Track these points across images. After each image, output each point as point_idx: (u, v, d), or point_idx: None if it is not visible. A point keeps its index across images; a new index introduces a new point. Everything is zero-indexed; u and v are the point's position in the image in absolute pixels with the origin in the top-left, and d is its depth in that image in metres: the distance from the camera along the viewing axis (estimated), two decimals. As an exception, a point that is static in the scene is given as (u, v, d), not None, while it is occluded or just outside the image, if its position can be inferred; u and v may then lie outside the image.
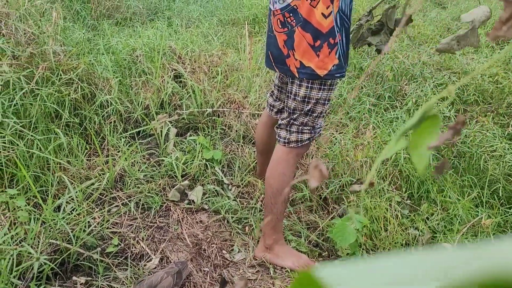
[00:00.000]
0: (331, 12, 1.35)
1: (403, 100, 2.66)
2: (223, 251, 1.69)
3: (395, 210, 1.83)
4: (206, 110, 2.40)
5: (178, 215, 1.82)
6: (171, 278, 1.41)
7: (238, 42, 3.18)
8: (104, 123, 2.16)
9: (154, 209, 1.82)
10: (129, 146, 2.12)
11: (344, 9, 1.38)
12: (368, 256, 1.71)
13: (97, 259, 1.52)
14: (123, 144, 2.11)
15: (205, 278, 1.56)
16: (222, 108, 2.46)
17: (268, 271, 1.63)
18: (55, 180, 1.73)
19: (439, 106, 2.51)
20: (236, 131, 2.33)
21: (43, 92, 1.93)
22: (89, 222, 1.63)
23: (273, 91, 1.75)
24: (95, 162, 1.97)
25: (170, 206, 1.86)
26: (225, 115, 2.42)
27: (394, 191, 1.95)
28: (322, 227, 1.80)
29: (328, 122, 2.44)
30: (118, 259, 1.58)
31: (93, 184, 1.82)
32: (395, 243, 1.71)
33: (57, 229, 1.51)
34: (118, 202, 1.82)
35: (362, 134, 2.30)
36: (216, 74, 2.69)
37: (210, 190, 1.96)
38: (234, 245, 1.72)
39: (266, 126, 1.82)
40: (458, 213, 1.85)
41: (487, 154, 2.11)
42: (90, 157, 2.03)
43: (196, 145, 2.15)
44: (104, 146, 2.11)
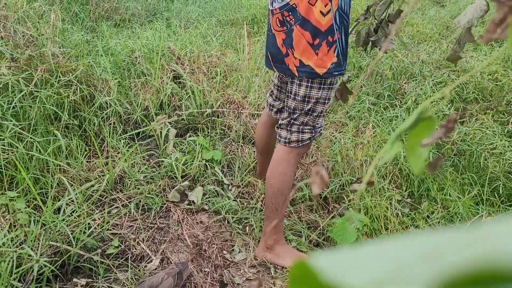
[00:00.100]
0: (330, 10, 1.35)
1: (403, 98, 2.66)
2: (224, 252, 1.68)
3: (396, 209, 1.83)
4: (206, 111, 2.40)
5: (178, 216, 1.81)
6: (172, 279, 1.41)
7: (237, 42, 3.18)
8: (103, 125, 2.16)
9: (154, 210, 1.82)
10: (128, 148, 2.11)
11: (343, 7, 1.38)
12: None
13: (97, 261, 1.52)
14: (123, 145, 2.11)
15: (205, 279, 1.56)
16: (222, 108, 2.45)
17: (269, 271, 1.63)
18: (55, 182, 1.72)
19: (439, 104, 2.51)
20: (235, 131, 2.33)
21: (42, 94, 1.92)
22: (89, 223, 1.63)
23: (272, 91, 1.75)
24: (95, 163, 1.97)
25: (170, 207, 1.85)
26: (224, 116, 2.42)
27: (394, 190, 1.94)
28: (323, 227, 1.80)
29: (328, 121, 2.43)
30: (119, 261, 1.58)
31: (93, 185, 1.82)
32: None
33: (57, 231, 1.51)
34: (118, 204, 1.81)
35: (362, 133, 2.30)
36: (215, 74, 2.68)
37: (210, 190, 1.95)
38: (234, 245, 1.72)
39: (266, 126, 1.82)
40: (459, 211, 1.85)
41: (487, 152, 2.11)
42: (90, 158, 2.03)
43: (195, 145, 2.15)
44: (103, 147, 2.11)
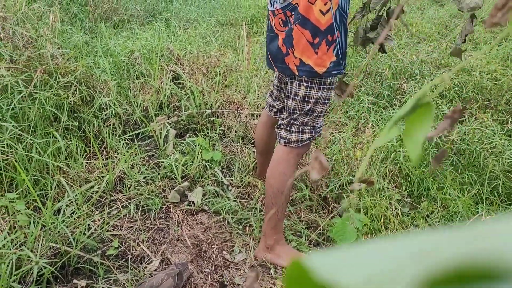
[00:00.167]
0: (330, 9, 1.34)
1: (402, 98, 2.66)
2: (224, 252, 1.68)
3: (395, 208, 1.83)
4: (205, 111, 2.40)
5: (178, 217, 1.81)
6: (172, 279, 1.41)
7: (236, 42, 3.18)
8: (103, 126, 2.16)
9: (154, 211, 1.82)
10: (128, 149, 2.11)
11: (343, 6, 1.38)
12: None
13: (97, 262, 1.52)
14: (122, 146, 2.11)
15: (206, 279, 1.56)
16: (221, 109, 2.45)
17: (269, 271, 1.63)
18: (54, 183, 1.72)
19: (439, 105, 2.51)
20: (235, 132, 2.33)
21: (42, 95, 1.93)
22: (89, 225, 1.63)
23: (272, 91, 1.75)
24: (95, 164, 1.97)
25: (170, 208, 1.85)
26: (224, 116, 2.42)
27: (394, 189, 1.94)
28: (323, 227, 1.80)
29: (327, 121, 2.43)
30: (119, 262, 1.58)
31: (92, 187, 1.82)
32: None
33: (57, 232, 1.51)
34: (118, 205, 1.81)
35: (362, 133, 2.30)
36: (214, 75, 2.68)
37: (210, 191, 1.95)
38: (234, 245, 1.72)
39: (265, 126, 1.82)
40: (458, 210, 1.85)
41: (487, 151, 2.11)
42: (90, 159, 2.03)
43: (195, 146, 2.15)
44: (103, 148, 2.11)
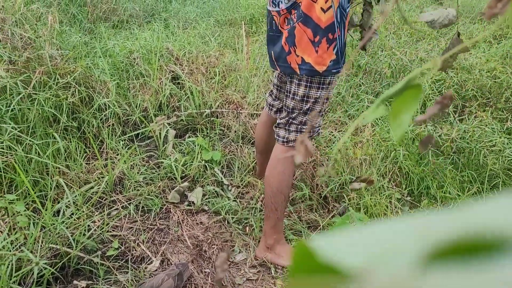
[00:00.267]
0: (331, 6, 1.34)
1: (402, 97, 2.66)
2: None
3: (395, 207, 1.83)
4: (205, 111, 2.39)
5: (178, 217, 1.81)
6: (172, 280, 1.41)
7: (236, 42, 3.17)
8: (102, 126, 2.16)
9: (154, 211, 1.81)
10: (128, 149, 2.11)
11: (343, 3, 1.37)
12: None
13: (97, 263, 1.52)
14: (122, 147, 2.11)
15: (206, 280, 1.56)
16: (221, 108, 2.45)
17: (269, 271, 1.63)
18: (54, 184, 1.72)
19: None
20: (235, 132, 2.32)
21: (41, 96, 1.92)
22: (89, 225, 1.63)
23: (272, 91, 1.75)
24: (94, 165, 1.97)
25: (170, 208, 1.85)
26: (223, 116, 2.42)
27: (394, 188, 1.94)
28: (323, 226, 1.80)
29: (327, 120, 2.43)
30: (119, 262, 1.58)
31: (92, 187, 1.82)
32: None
33: (56, 233, 1.51)
34: (118, 205, 1.81)
35: (361, 132, 2.30)
36: (214, 75, 2.68)
37: (210, 191, 1.95)
38: (235, 245, 1.72)
39: (265, 125, 1.82)
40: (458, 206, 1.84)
41: (487, 149, 2.11)
42: (89, 160, 2.03)
43: (195, 146, 2.15)
44: (103, 149, 2.11)
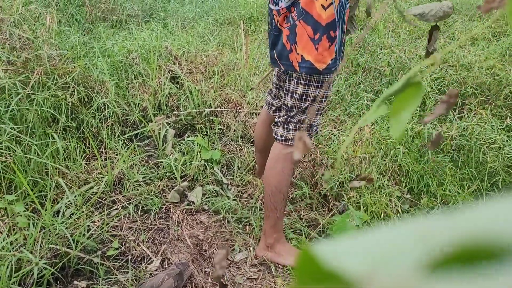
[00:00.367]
0: (331, 3, 1.33)
1: (401, 95, 2.65)
2: (224, 251, 1.68)
3: (395, 205, 1.83)
4: (204, 111, 2.39)
5: (178, 217, 1.81)
6: (172, 279, 1.41)
7: (234, 41, 3.17)
8: (101, 126, 2.15)
9: (154, 211, 1.81)
10: (127, 149, 2.11)
11: (343, 1, 1.37)
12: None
13: (97, 263, 1.52)
14: (121, 147, 2.10)
15: (206, 279, 1.56)
16: (220, 108, 2.45)
17: (269, 270, 1.63)
18: (53, 184, 1.72)
19: (438, 101, 2.51)
20: (234, 131, 2.32)
21: (39, 97, 1.92)
22: (88, 226, 1.62)
23: (271, 89, 1.75)
24: (94, 165, 1.97)
25: (170, 208, 1.85)
26: (223, 115, 2.42)
27: (394, 186, 1.94)
28: (323, 225, 1.80)
29: (326, 119, 2.43)
30: (119, 262, 1.58)
31: (92, 187, 1.81)
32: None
33: (56, 233, 1.51)
34: (118, 205, 1.81)
35: (361, 130, 2.29)
36: (213, 74, 2.68)
37: (209, 190, 1.95)
38: (235, 245, 1.72)
39: (265, 124, 1.82)
40: (459, 206, 1.85)
41: (486, 147, 2.11)
42: (89, 160, 2.03)
43: (194, 145, 2.14)
44: (102, 149, 2.11)
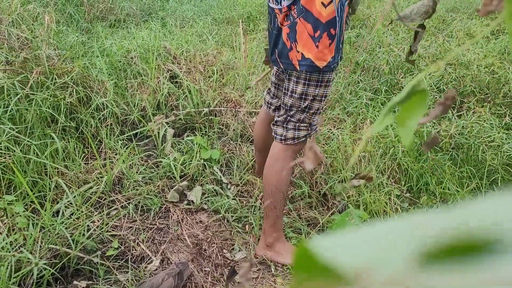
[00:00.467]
0: (331, 1, 1.33)
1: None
2: (224, 251, 1.68)
3: (395, 204, 1.83)
4: (203, 110, 2.39)
5: (177, 216, 1.81)
6: (172, 279, 1.41)
7: (233, 40, 3.17)
8: (100, 126, 2.15)
9: (154, 210, 1.81)
10: (126, 149, 2.11)
11: None
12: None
13: (97, 263, 1.52)
14: (121, 146, 2.10)
15: (206, 278, 1.56)
16: (219, 107, 2.45)
17: (269, 269, 1.63)
18: (53, 185, 1.72)
19: (437, 100, 2.51)
20: (233, 130, 2.32)
21: (38, 97, 1.92)
22: (88, 226, 1.62)
23: (270, 89, 1.75)
24: (93, 165, 1.96)
25: (170, 207, 1.85)
26: (222, 114, 2.42)
27: (393, 185, 1.95)
28: (322, 223, 1.80)
29: (325, 117, 2.43)
30: (119, 262, 1.58)
31: (91, 187, 1.81)
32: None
33: (56, 234, 1.51)
34: (117, 205, 1.81)
35: (360, 129, 2.30)
36: (212, 73, 2.68)
37: (209, 190, 1.95)
38: (234, 244, 1.72)
39: (264, 123, 1.82)
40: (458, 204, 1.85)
41: (485, 145, 2.11)
42: (88, 160, 2.02)
43: (193, 145, 2.14)
44: (101, 149, 2.10)
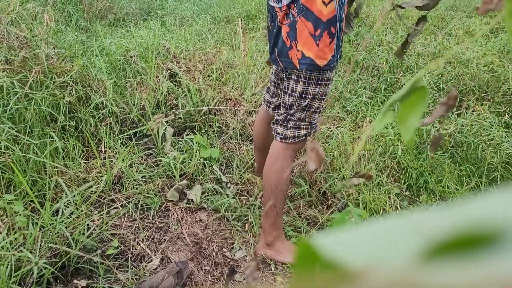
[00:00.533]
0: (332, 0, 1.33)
1: (399, 92, 2.65)
2: (224, 249, 1.69)
3: (394, 202, 1.83)
4: (202, 109, 2.39)
5: (177, 215, 1.81)
6: (172, 278, 1.41)
7: (233, 39, 3.17)
8: (100, 125, 2.15)
9: (153, 209, 1.81)
10: (126, 148, 2.11)
11: None
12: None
13: (97, 262, 1.52)
14: (120, 145, 2.10)
15: (206, 277, 1.56)
16: (218, 106, 2.45)
17: (269, 268, 1.63)
18: (53, 184, 1.72)
19: (436, 98, 2.51)
20: (233, 129, 2.32)
21: (38, 96, 1.92)
22: (88, 225, 1.62)
23: (269, 87, 1.75)
24: (93, 164, 1.96)
25: (169, 206, 1.85)
26: (221, 113, 2.42)
27: (392, 183, 1.95)
28: (322, 222, 1.80)
29: (325, 116, 2.43)
30: (119, 261, 1.58)
31: (91, 186, 1.81)
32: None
33: (56, 233, 1.51)
34: (117, 204, 1.81)
35: (359, 128, 2.30)
36: (211, 72, 2.68)
37: (209, 188, 1.95)
38: (234, 243, 1.72)
39: (263, 122, 1.82)
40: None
41: (485, 143, 2.11)
42: (87, 159, 2.02)
43: (193, 144, 2.14)
44: (101, 148, 2.10)
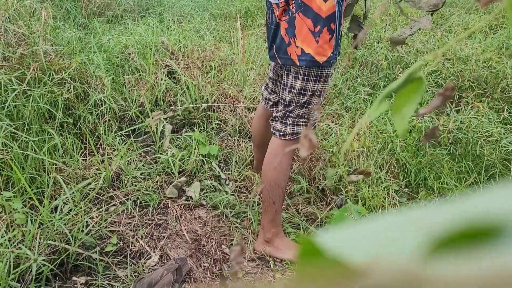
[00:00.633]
0: None
1: (398, 88, 2.65)
2: (223, 246, 1.69)
3: (393, 199, 1.84)
4: (201, 106, 2.38)
5: (176, 212, 1.81)
6: (171, 274, 1.41)
7: (231, 36, 3.16)
8: (98, 122, 2.15)
9: (152, 206, 1.81)
10: (124, 145, 2.10)
11: None
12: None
13: (96, 259, 1.52)
14: (119, 142, 2.10)
15: (205, 274, 1.56)
16: (217, 103, 2.44)
17: (268, 264, 1.64)
18: (51, 181, 1.72)
19: (435, 95, 2.51)
20: (231, 126, 2.32)
21: (36, 93, 1.91)
22: (87, 222, 1.62)
23: (267, 84, 1.74)
24: (91, 161, 1.96)
25: (168, 203, 1.85)
26: (220, 110, 2.41)
27: (391, 180, 1.95)
28: (321, 219, 1.81)
29: (324, 113, 2.43)
30: (118, 258, 1.58)
31: (89, 183, 1.81)
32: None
33: (54, 230, 1.51)
34: (116, 201, 1.81)
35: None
36: (209, 69, 2.67)
37: (207, 185, 1.95)
38: (233, 239, 1.72)
39: (262, 119, 1.82)
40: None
41: (483, 140, 2.12)
42: (86, 156, 2.02)
43: (192, 141, 2.14)
44: (99, 145, 2.10)
